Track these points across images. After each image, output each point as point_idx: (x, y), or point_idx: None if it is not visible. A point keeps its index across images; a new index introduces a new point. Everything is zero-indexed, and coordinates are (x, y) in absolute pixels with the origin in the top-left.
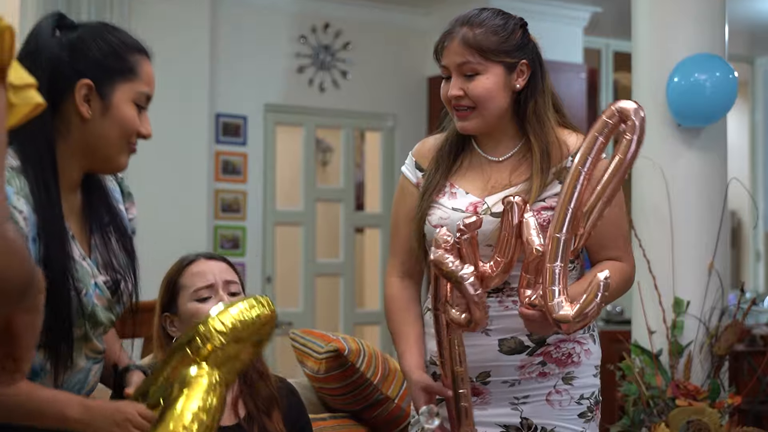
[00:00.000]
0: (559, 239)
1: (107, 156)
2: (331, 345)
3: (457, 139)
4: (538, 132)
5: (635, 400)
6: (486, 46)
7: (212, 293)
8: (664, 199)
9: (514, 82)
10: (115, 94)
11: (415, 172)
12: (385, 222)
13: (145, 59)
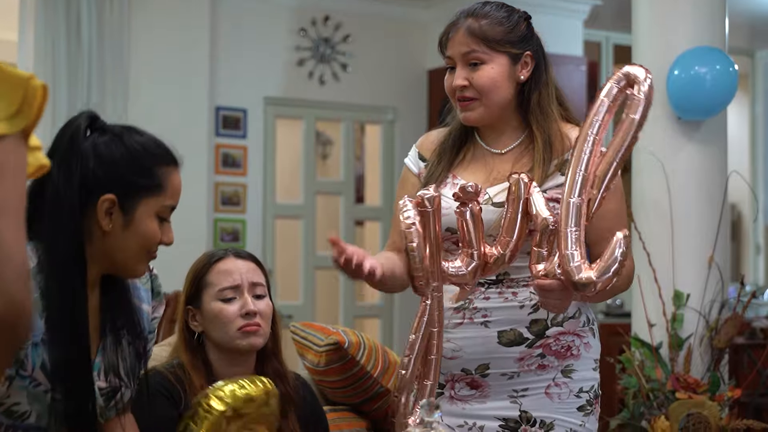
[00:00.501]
0: (571, 203)
1: (125, 265)
2: (331, 338)
3: (461, 132)
4: (542, 123)
5: (635, 393)
6: (491, 35)
7: (237, 294)
8: (664, 192)
9: (518, 74)
10: (138, 210)
11: (418, 162)
12: (385, 215)
13: (173, 170)
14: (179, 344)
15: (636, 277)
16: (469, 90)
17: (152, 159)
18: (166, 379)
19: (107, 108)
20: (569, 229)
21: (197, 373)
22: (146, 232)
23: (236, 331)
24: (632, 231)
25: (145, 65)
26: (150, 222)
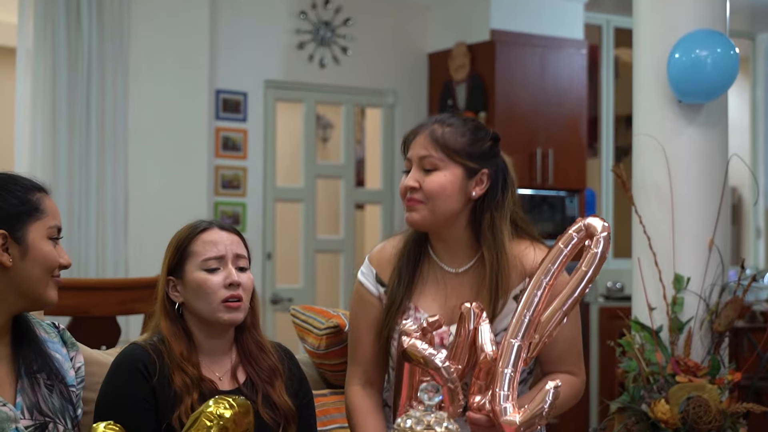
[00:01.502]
0: (512, 345)
1: (36, 294)
2: (331, 321)
3: (415, 247)
4: (491, 248)
5: (635, 377)
6: (450, 144)
7: (221, 265)
8: (665, 176)
9: (470, 189)
10: (29, 236)
11: (377, 286)
12: (385, 198)
13: (45, 196)
14: (159, 311)
15: (636, 260)
16: (418, 193)
17: (23, 189)
18: (144, 351)
19: (107, 91)
20: (505, 370)
21: (177, 341)
22: (44, 255)
23: (219, 302)
24: (632, 214)
25: (145, 48)
26: (44, 245)
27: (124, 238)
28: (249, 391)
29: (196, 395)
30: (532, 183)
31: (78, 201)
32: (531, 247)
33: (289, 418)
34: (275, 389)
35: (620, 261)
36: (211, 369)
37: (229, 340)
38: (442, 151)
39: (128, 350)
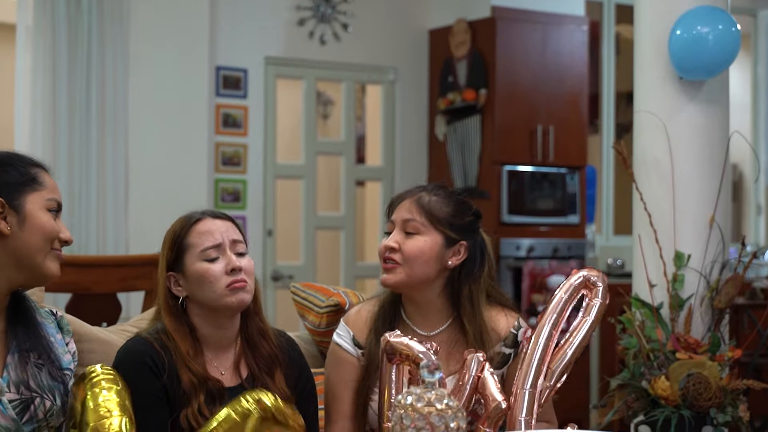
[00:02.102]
0: (524, 393)
1: (35, 264)
2: (332, 299)
3: (390, 309)
4: (471, 318)
5: (635, 353)
6: (435, 212)
7: (220, 253)
8: (666, 153)
9: (448, 258)
10: (27, 205)
11: (355, 348)
12: (386, 175)
13: (44, 172)
14: (162, 308)
15: (637, 237)
16: (397, 254)
17: (21, 161)
18: (151, 347)
19: (107, 68)
20: (521, 417)
21: (182, 339)
22: (43, 224)
23: (224, 288)
24: (633, 191)
25: (146, 25)
26: (43, 214)
27: (124, 216)
28: (250, 386)
29: (202, 397)
30: (532, 160)
31: (78, 178)
32: (502, 313)
33: None
34: (275, 381)
35: (621, 238)
36: (214, 364)
37: (235, 329)
38: (426, 217)
39: (134, 345)
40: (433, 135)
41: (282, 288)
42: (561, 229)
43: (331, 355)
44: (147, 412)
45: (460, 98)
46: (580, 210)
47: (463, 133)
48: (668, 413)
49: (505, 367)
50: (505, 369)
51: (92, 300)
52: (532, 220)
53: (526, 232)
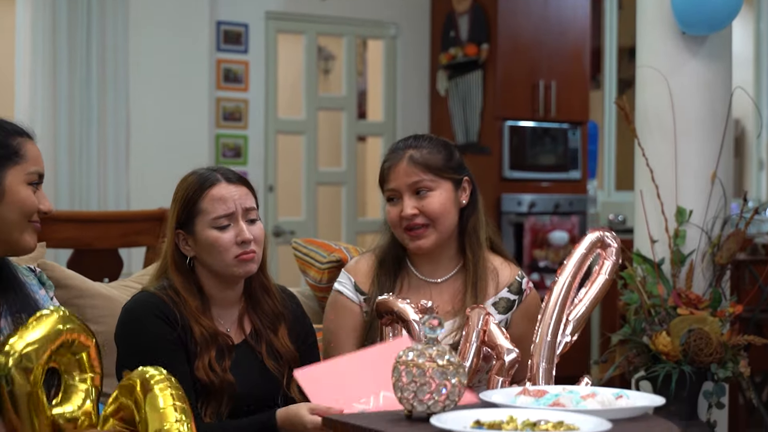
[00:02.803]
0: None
1: (12, 239)
2: (333, 255)
3: (392, 260)
4: (476, 251)
5: (636, 309)
6: (434, 163)
7: (232, 221)
8: (668, 108)
9: (460, 199)
10: (6, 180)
11: (356, 294)
12: (387, 131)
13: (27, 141)
14: (170, 266)
15: (638, 193)
16: (420, 218)
17: (4, 133)
18: (161, 301)
19: (107, 24)
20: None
21: (191, 296)
22: (21, 199)
23: (233, 259)
24: (635, 147)
25: None
26: (22, 189)
27: (125, 171)
28: (254, 341)
29: (213, 352)
30: (534, 115)
31: (79, 134)
32: (505, 262)
33: (292, 363)
34: (278, 336)
35: (622, 193)
36: (220, 321)
37: (241, 288)
38: (431, 172)
39: (143, 297)
40: (435, 90)
41: (283, 244)
42: (562, 184)
43: (332, 304)
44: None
45: (461, 53)
46: (581, 165)
47: (465, 88)
48: (669, 369)
49: (509, 313)
50: (509, 315)
51: (94, 256)
52: (534, 175)
53: (527, 188)
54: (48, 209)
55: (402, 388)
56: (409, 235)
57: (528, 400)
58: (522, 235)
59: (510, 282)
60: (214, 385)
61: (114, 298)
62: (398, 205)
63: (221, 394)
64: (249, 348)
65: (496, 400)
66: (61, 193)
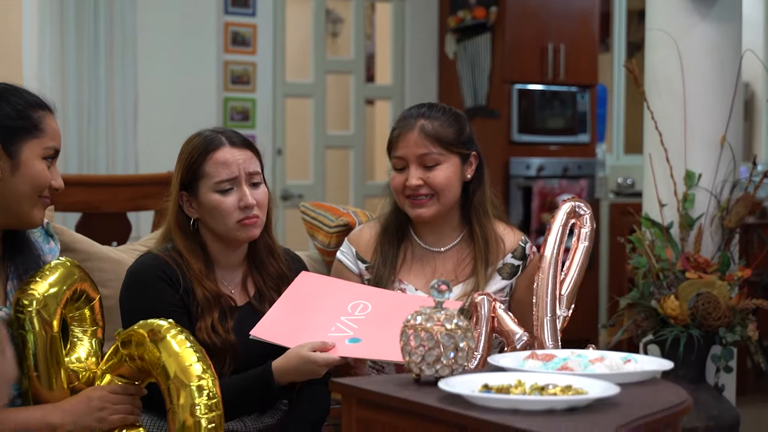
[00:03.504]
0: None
1: (21, 212)
2: (341, 219)
3: (395, 230)
4: (483, 223)
5: (645, 273)
6: (444, 137)
7: (234, 185)
8: (677, 71)
9: (465, 173)
10: (23, 152)
11: (357, 263)
12: (396, 94)
13: (48, 115)
14: (173, 228)
15: (647, 156)
16: (424, 188)
17: (26, 104)
18: (165, 263)
19: None
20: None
21: (194, 257)
22: (35, 173)
23: (235, 223)
24: (644, 110)
25: None
26: (37, 164)
27: (133, 135)
28: (258, 303)
29: (216, 313)
30: (543, 78)
31: (87, 97)
32: (508, 228)
33: None
34: None
35: (631, 157)
36: (224, 283)
37: (244, 251)
38: (440, 146)
39: (147, 259)
40: (443, 53)
41: (291, 207)
42: (571, 148)
43: (334, 273)
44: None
45: (470, 16)
46: (590, 129)
47: (473, 52)
48: (677, 332)
49: (513, 278)
50: (514, 280)
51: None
52: (542, 139)
53: (536, 152)
54: (59, 186)
55: (410, 352)
56: (411, 203)
57: (536, 364)
58: (530, 199)
59: (514, 248)
60: (216, 346)
61: (122, 262)
62: (404, 174)
63: (223, 356)
64: (252, 310)
65: (504, 365)
66: (70, 157)
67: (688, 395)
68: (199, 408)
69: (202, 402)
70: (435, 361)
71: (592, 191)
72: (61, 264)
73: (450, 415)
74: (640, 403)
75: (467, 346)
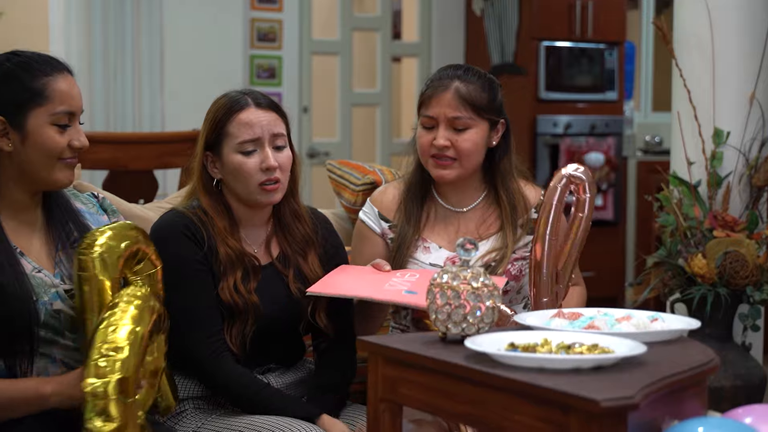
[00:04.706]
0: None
1: (41, 178)
2: (367, 177)
3: (419, 189)
4: (507, 186)
5: (672, 231)
6: (477, 102)
7: (257, 147)
8: (706, 28)
9: (492, 139)
10: (29, 123)
11: (379, 222)
12: (422, 51)
13: (56, 78)
14: (198, 187)
15: (676, 114)
16: (450, 151)
17: (30, 74)
18: (189, 220)
19: None
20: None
21: (219, 216)
22: (45, 141)
23: (256, 186)
24: (673, 67)
25: None
26: (46, 131)
27: (160, 93)
28: (282, 265)
29: (239, 273)
30: (570, 35)
31: (114, 55)
32: (529, 184)
33: None
34: (307, 261)
35: (659, 114)
36: (247, 242)
37: (268, 211)
38: (472, 111)
39: (171, 216)
40: (470, 10)
41: (318, 165)
42: (599, 105)
43: (357, 233)
44: (194, 280)
45: None
46: (618, 86)
47: (501, 8)
48: (704, 291)
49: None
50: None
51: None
52: (570, 96)
53: (563, 109)
54: (83, 145)
55: (436, 310)
56: (435, 162)
57: (562, 322)
58: (557, 157)
59: (536, 203)
60: (238, 306)
61: (149, 219)
62: (432, 133)
63: (246, 316)
64: (275, 271)
65: (531, 323)
66: (97, 115)
67: (715, 354)
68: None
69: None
70: (461, 320)
71: (619, 149)
72: (126, 224)
73: (476, 374)
74: (667, 362)
75: (493, 304)
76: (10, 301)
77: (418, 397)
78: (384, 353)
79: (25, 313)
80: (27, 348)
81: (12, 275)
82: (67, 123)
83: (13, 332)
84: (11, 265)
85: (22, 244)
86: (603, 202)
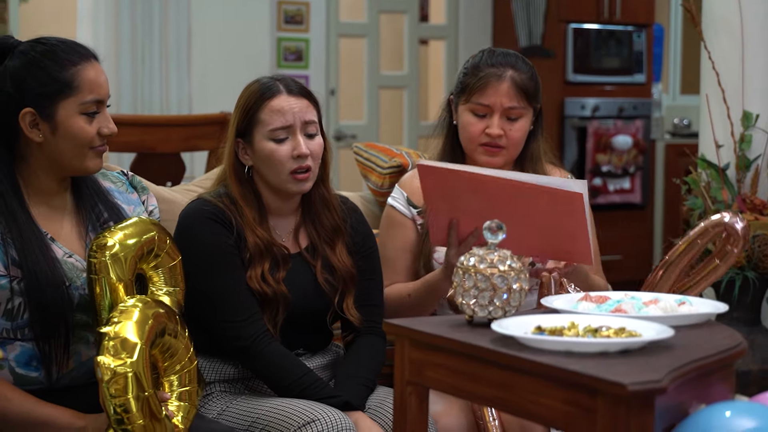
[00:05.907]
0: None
1: (73, 166)
2: (394, 160)
3: None
4: (536, 171)
5: (700, 214)
6: (530, 91)
7: (289, 134)
8: (736, 10)
9: (531, 125)
10: (58, 114)
11: (409, 208)
12: (450, 34)
13: (84, 67)
14: (229, 174)
15: (704, 96)
16: (502, 140)
17: (58, 65)
18: (217, 208)
19: None
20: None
21: (248, 205)
22: (75, 131)
23: (287, 174)
24: (701, 50)
25: None
26: (75, 121)
27: (187, 75)
28: (310, 255)
29: (267, 263)
30: (598, 17)
31: (141, 38)
32: (555, 168)
33: (348, 281)
34: (335, 252)
35: (688, 97)
36: (276, 231)
37: (297, 200)
38: (525, 100)
39: (199, 204)
40: None
41: (345, 147)
42: (627, 88)
43: (386, 219)
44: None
45: None
46: (646, 69)
47: None
48: (732, 275)
49: None
50: None
51: (156, 159)
52: (598, 79)
53: (591, 92)
54: (112, 132)
55: (463, 293)
56: (486, 150)
57: (590, 306)
58: (585, 140)
59: None
60: (267, 295)
61: (176, 202)
62: (483, 121)
63: (275, 305)
64: (303, 260)
65: (558, 306)
66: (124, 97)
67: (742, 338)
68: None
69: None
70: (488, 303)
71: (647, 132)
72: (138, 220)
73: (502, 357)
74: (695, 346)
75: (520, 287)
76: (43, 288)
77: (444, 381)
78: (411, 336)
79: (59, 299)
80: (62, 332)
81: (44, 262)
82: (95, 110)
83: (48, 318)
84: (43, 253)
85: (53, 229)
86: (631, 185)
